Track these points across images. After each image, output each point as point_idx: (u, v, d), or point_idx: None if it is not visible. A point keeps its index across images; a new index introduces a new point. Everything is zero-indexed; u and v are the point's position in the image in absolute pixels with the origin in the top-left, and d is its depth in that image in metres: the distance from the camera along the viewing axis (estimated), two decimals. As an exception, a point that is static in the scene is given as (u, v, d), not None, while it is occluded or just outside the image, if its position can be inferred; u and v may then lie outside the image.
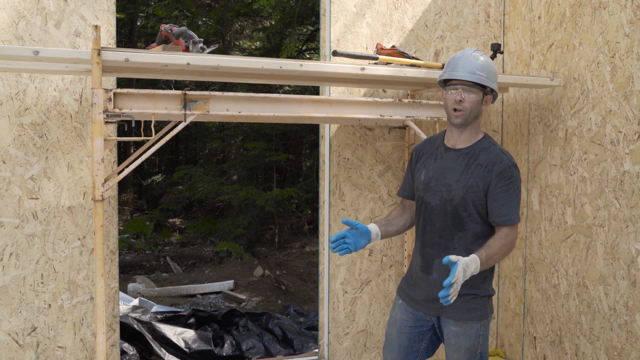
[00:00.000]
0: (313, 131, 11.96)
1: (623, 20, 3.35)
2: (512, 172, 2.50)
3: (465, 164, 2.56)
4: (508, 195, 2.47)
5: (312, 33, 11.95)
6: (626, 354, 3.32)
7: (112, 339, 3.68)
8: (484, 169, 2.50)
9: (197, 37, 3.19)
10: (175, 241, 12.01)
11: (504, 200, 2.47)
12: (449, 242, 2.58)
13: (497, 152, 2.54)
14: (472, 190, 2.52)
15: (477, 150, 2.56)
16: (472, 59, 2.54)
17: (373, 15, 4.11)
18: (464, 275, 2.28)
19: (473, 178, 2.52)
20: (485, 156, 2.53)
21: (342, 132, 4.11)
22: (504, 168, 2.49)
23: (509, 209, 2.47)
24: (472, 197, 2.52)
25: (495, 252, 2.42)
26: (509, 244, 2.48)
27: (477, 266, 2.34)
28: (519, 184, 2.52)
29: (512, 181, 2.49)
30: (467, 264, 2.30)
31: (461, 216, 2.55)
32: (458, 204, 2.54)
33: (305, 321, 6.49)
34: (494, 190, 2.48)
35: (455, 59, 2.58)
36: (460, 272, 2.25)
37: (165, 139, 3.00)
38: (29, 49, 2.71)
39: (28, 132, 3.44)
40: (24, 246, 3.46)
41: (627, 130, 3.32)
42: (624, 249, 3.34)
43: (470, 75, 2.51)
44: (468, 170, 2.54)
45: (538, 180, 4.09)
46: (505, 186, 2.48)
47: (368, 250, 4.21)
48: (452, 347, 2.59)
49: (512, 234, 2.49)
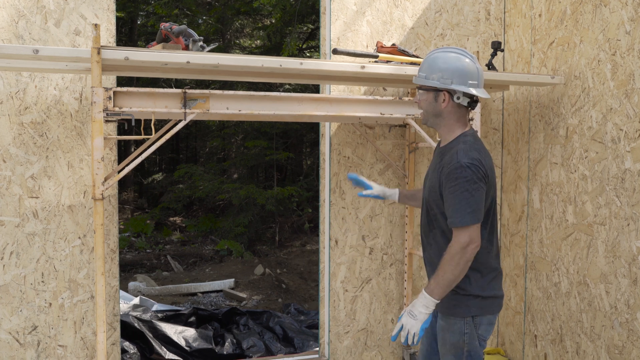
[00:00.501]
0: (313, 130, 11.96)
1: (624, 18, 3.34)
2: (458, 172, 2.41)
3: (437, 163, 2.61)
4: (454, 197, 2.42)
5: (313, 31, 11.94)
6: (627, 352, 3.32)
7: (113, 338, 3.68)
8: (441, 170, 2.51)
9: (197, 35, 3.19)
10: (176, 240, 12.01)
11: (451, 202, 2.43)
12: (427, 238, 2.66)
13: (454, 152, 2.49)
14: (433, 190, 2.55)
15: (446, 150, 2.57)
16: (425, 61, 2.60)
17: (373, 13, 4.10)
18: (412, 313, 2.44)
19: (435, 178, 2.55)
20: (447, 156, 2.51)
21: (342, 130, 4.11)
22: (451, 169, 2.44)
23: (453, 211, 2.41)
24: (433, 197, 2.55)
25: (443, 271, 2.42)
26: (453, 254, 2.40)
27: (424, 297, 2.43)
28: (470, 185, 2.40)
29: (459, 182, 2.41)
30: (412, 304, 2.47)
31: (430, 215, 2.61)
32: (427, 203, 2.62)
33: (306, 320, 6.49)
34: (444, 191, 2.47)
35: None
36: (403, 317, 2.46)
37: (166, 138, 3.00)
38: (28, 48, 2.71)
39: (28, 131, 3.43)
40: (25, 245, 3.46)
41: (628, 128, 3.31)
42: (625, 247, 3.33)
43: (414, 79, 2.62)
44: (435, 171, 2.58)
45: (539, 178, 4.08)
46: (451, 187, 2.43)
47: (369, 248, 4.21)
48: (440, 341, 2.64)
49: (460, 237, 2.40)
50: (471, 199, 2.39)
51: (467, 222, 2.39)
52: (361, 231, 4.19)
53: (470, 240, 2.40)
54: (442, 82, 2.51)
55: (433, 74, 2.53)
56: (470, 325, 2.55)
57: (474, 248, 2.40)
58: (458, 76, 2.51)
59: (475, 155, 2.45)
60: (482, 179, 2.42)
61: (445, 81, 2.50)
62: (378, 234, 4.24)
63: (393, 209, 4.26)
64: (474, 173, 2.41)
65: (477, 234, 2.41)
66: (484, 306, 2.57)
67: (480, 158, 2.46)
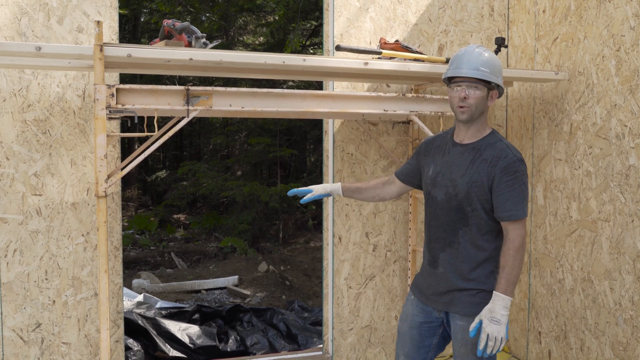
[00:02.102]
0: (317, 126, 11.95)
1: (628, 13, 3.33)
2: (517, 167, 2.48)
3: (470, 159, 2.56)
4: (512, 191, 2.46)
5: (316, 28, 11.93)
6: (632, 348, 3.31)
7: (117, 335, 3.69)
8: (489, 164, 2.50)
9: (200, 32, 3.18)
10: (180, 237, 12.03)
11: (509, 195, 2.46)
12: (453, 236, 2.59)
13: (503, 147, 2.53)
14: (476, 185, 2.51)
15: (483, 146, 2.55)
16: (476, 55, 2.54)
17: (376, 9, 4.09)
18: (494, 319, 2.41)
19: (477, 173, 2.52)
20: (491, 151, 2.52)
21: (345, 127, 4.10)
22: (508, 163, 2.47)
23: (513, 205, 2.45)
24: (476, 192, 2.51)
25: (511, 267, 2.45)
26: (517, 247, 2.46)
27: (502, 298, 2.42)
28: (525, 179, 2.50)
29: (517, 176, 2.47)
30: (489, 310, 2.44)
31: (465, 211, 2.55)
32: (462, 198, 2.54)
33: (310, 317, 6.49)
34: (499, 185, 2.47)
35: (458, 55, 2.58)
36: (486, 326, 2.41)
37: (169, 135, 3.00)
38: (31, 45, 2.71)
39: (31, 129, 3.44)
40: (28, 242, 3.46)
41: (633, 124, 3.30)
42: (630, 244, 3.32)
43: (474, 72, 2.51)
44: (473, 165, 2.54)
45: (543, 174, 4.07)
46: (509, 181, 2.46)
47: (372, 245, 4.21)
48: (459, 342, 2.59)
49: (518, 230, 2.47)
50: (526, 192, 2.51)
51: (525, 215, 2.49)
52: (365, 228, 4.19)
53: (525, 232, 2.50)
54: (500, 79, 2.56)
55: (497, 71, 2.55)
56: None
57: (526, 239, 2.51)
58: (500, 74, 2.58)
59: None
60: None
61: (500, 78, 2.56)
62: (381, 231, 4.23)
63: (396, 206, 4.25)
64: (525, 168, 2.53)
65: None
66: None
67: None
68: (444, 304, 2.63)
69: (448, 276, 2.59)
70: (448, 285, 2.60)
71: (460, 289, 2.56)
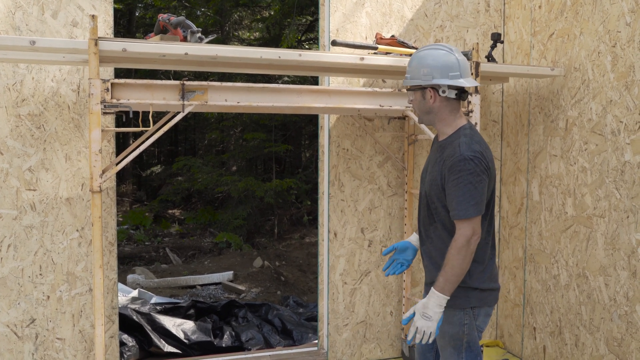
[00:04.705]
0: (312, 122, 11.94)
1: (624, 9, 3.33)
2: (462, 165, 2.44)
3: (437, 157, 2.62)
4: (457, 190, 2.44)
5: (312, 23, 11.91)
6: (626, 344, 3.32)
7: (111, 331, 3.68)
8: (443, 163, 2.54)
9: (196, 27, 3.17)
10: (175, 232, 12.01)
11: (454, 194, 2.45)
12: (427, 232, 2.66)
13: (456, 145, 2.51)
14: (434, 184, 2.56)
15: (446, 144, 2.59)
16: (408, 63, 2.63)
17: (372, 4, 4.08)
18: (426, 315, 2.45)
19: (436, 172, 2.57)
20: (449, 150, 2.54)
21: (341, 122, 4.09)
22: (454, 162, 2.46)
23: (457, 204, 2.44)
24: (435, 191, 2.56)
25: (450, 266, 2.44)
26: (459, 247, 2.43)
27: (437, 296, 2.44)
28: (473, 177, 2.44)
29: (462, 175, 2.43)
30: (423, 304, 2.47)
31: (431, 208, 2.61)
32: (428, 197, 2.62)
33: (305, 312, 6.50)
34: (447, 184, 2.49)
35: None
36: (417, 320, 2.46)
37: (164, 130, 2.99)
38: (25, 39, 2.69)
39: (25, 123, 3.42)
40: (22, 238, 3.45)
41: (628, 120, 3.30)
42: (625, 240, 3.33)
43: (403, 81, 2.66)
44: (436, 164, 2.59)
45: (538, 170, 4.07)
46: (454, 180, 2.45)
47: (368, 241, 4.20)
48: (439, 334, 2.62)
49: (463, 230, 2.44)
50: (474, 191, 2.43)
51: (471, 214, 2.42)
52: (360, 224, 4.19)
53: (473, 232, 2.43)
54: (424, 79, 2.55)
55: (414, 73, 2.58)
56: (470, 317, 2.57)
57: (476, 240, 2.45)
58: (437, 70, 2.54)
59: (477, 148, 2.48)
60: (484, 171, 2.45)
61: (427, 77, 2.55)
62: (377, 227, 4.23)
63: (392, 202, 4.25)
64: (476, 165, 2.44)
65: (479, 226, 2.46)
66: (482, 298, 2.59)
67: (482, 150, 2.49)
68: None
69: (429, 268, 2.65)
70: (430, 276, 2.65)
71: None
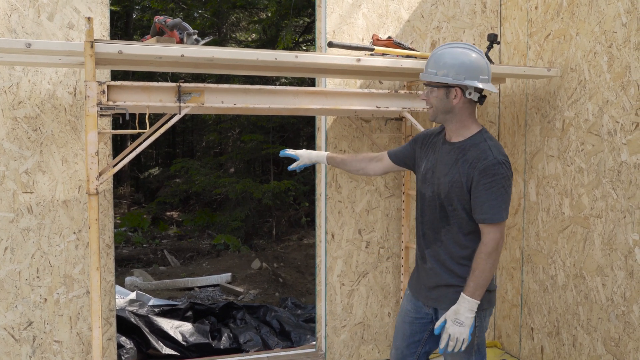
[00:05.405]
0: (310, 123, 11.94)
1: (620, 10, 3.33)
2: (496, 169, 2.43)
3: (455, 158, 2.55)
4: (491, 194, 2.42)
5: (309, 25, 11.91)
6: (623, 344, 3.32)
7: (109, 333, 3.68)
8: (469, 165, 2.48)
9: (192, 29, 3.16)
10: (173, 234, 12.01)
11: (486, 198, 2.43)
12: (437, 234, 2.61)
13: (485, 148, 2.49)
14: (456, 185, 2.51)
15: (468, 145, 2.54)
16: (432, 57, 2.57)
17: (369, 6, 4.08)
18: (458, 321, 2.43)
19: (458, 173, 2.51)
20: (474, 152, 2.50)
21: (338, 124, 4.10)
22: (487, 165, 2.43)
23: (489, 207, 2.42)
24: (456, 193, 2.51)
25: (481, 271, 2.43)
26: (490, 252, 2.44)
27: (468, 301, 2.43)
28: (505, 182, 2.45)
29: (496, 179, 2.42)
30: (454, 311, 2.45)
31: (447, 210, 2.56)
32: (444, 198, 2.55)
33: (303, 314, 6.50)
34: (477, 187, 2.45)
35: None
36: (449, 327, 2.44)
37: (160, 132, 2.98)
38: (21, 42, 2.69)
39: (22, 126, 3.41)
40: (19, 240, 3.44)
41: (625, 120, 3.31)
42: (622, 240, 3.33)
43: (422, 75, 2.59)
44: (456, 165, 2.53)
45: (535, 171, 4.08)
46: (487, 184, 2.43)
47: (365, 242, 4.21)
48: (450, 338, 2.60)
49: (493, 234, 2.44)
50: (506, 195, 2.44)
51: (503, 218, 2.44)
52: (358, 225, 4.19)
53: (501, 236, 2.45)
54: (454, 77, 2.49)
55: (443, 69, 2.50)
56: (480, 319, 2.57)
57: (502, 244, 2.47)
58: (469, 71, 2.49)
59: (505, 152, 2.51)
60: (512, 176, 2.48)
61: (458, 77, 2.49)
62: (374, 228, 4.23)
63: (389, 203, 4.25)
64: (507, 170, 2.46)
65: (505, 230, 2.49)
66: (490, 299, 2.61)
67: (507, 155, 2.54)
68: (433, 300, 2.64)
69: (437, 271, 2.60)
70: (436, 279, 2.60)
71: (448, 285, 2.57)
